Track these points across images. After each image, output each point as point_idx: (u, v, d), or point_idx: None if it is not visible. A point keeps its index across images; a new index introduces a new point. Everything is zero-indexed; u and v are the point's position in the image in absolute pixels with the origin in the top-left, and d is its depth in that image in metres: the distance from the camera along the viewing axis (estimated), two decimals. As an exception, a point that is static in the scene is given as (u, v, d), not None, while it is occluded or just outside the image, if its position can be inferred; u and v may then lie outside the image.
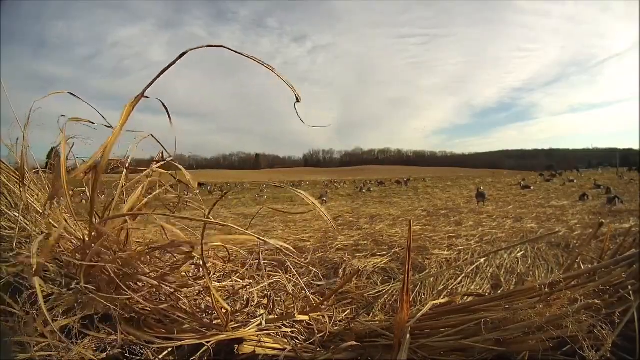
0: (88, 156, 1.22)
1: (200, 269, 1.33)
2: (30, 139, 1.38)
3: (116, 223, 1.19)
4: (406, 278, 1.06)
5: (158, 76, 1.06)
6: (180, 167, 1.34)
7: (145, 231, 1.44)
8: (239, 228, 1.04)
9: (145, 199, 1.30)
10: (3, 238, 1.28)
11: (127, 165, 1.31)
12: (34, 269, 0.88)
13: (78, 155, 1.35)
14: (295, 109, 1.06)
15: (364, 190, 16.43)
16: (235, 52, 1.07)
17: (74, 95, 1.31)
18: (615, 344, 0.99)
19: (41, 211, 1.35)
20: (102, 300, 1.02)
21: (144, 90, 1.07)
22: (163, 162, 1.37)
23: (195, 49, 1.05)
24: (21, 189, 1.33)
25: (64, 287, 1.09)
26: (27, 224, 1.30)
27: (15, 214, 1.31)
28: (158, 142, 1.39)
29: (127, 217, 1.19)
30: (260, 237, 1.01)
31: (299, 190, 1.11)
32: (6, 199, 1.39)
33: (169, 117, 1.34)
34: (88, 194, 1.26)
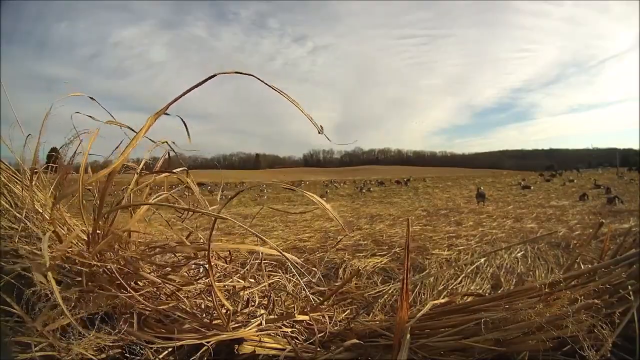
0: (90, 154, 1.23)
1: (201, 268, 1.33)
2: (30, 139, 1.38)
3: (122, 224, 1.19)
4: (405, 278, 1.06)
5: (182, 95, 1.08)
6: (190, 183, 1.31)
7: (147, 231, 1.44)
8: (261, 236, 1.04)
9: (150, 199, 1.30)
10: (3, 238, 1.28)
11: (138, 170, 1.31)
12: (46, 266, 0.88)
13: (80, 153, 1.35)
14: (324, 134, 1.12)
15: (364, 190, 16.43)
16: (265, 83, 1.08)
17: (93, 99, 1.32)
18: (615, 344, 0.99)
19: (41, 211, 1.36)
20: (104, 298, 1.02)
21: (167, 107, 1.08)
22: (178, 171, 1.36)
23: (224, 73, 1.07)
24: (27, 189, 1.33)
25: (66, 285, 1.09)
26: (28, 223, 1.30)
27: (17, 213, 1.31)
28: (173, 150, 1.39)
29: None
30: (278, 249, 1.02)
31: (312, 195, 1.11)
32: (6, 198, 1.39)
33: (188, 134, 1.35)
34: (94, 194, 1.27)
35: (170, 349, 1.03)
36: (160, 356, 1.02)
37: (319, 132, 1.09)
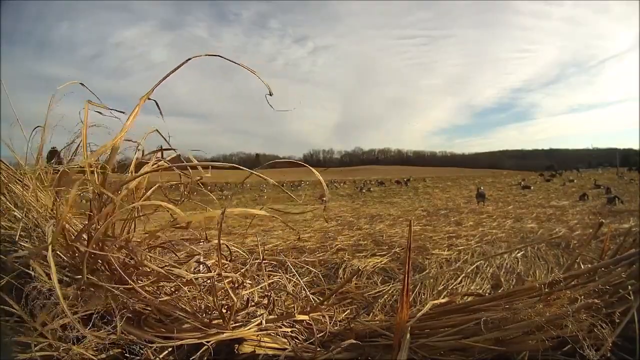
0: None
1: (201, 267, 1.33)
2: (31, 140, 1.38)
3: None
4: (406, 278, 1.06)
5: (163, 79, 1.16)
6: (189, 157, 1.37)
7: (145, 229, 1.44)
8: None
9: (149, 192, 1.29)
10: (3, 238, 1.28)
11: (135, 153, 1.32)
12: (49, 252, 0.89)
13: (79, 153, 1.35)
14: (267, 99, 1.22)
15: (364, 190, 16.42)
16: (231, 61, 1.21)
17: (84, 86, 1.33)
18: (615, 343, 0.99)
19: (41, 211, 1.35)
20: (104, 295, 1.02)
21: (152, 90, 1.16)
22: (170, 156, 1.38)
23: (196, 57, 1.20)
24: (27, 189, 1.33)
25: (66, 284, 1.09)
26: (29, 223, 1.30)
27: (17, 213, 1.31)
28: (162, 137, 1.40)
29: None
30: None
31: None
32: (6, 198, 1.39)
33: (161, 114, 1.40)
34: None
35: (170, 349, 1.03)
36: (161, 356, 1.02)
37: (270, 94, 1.20)
